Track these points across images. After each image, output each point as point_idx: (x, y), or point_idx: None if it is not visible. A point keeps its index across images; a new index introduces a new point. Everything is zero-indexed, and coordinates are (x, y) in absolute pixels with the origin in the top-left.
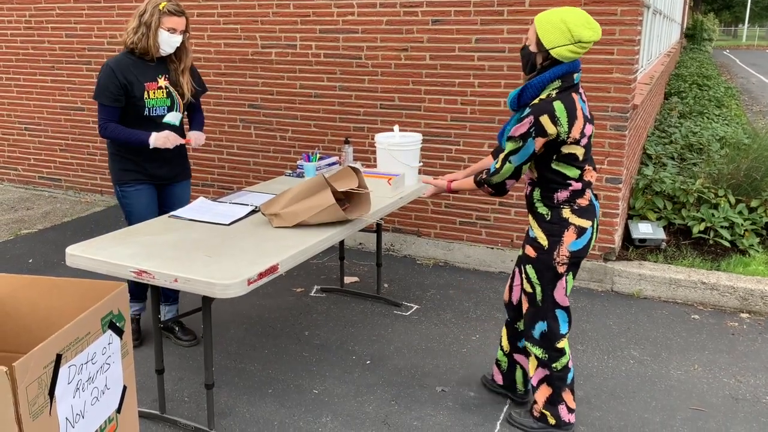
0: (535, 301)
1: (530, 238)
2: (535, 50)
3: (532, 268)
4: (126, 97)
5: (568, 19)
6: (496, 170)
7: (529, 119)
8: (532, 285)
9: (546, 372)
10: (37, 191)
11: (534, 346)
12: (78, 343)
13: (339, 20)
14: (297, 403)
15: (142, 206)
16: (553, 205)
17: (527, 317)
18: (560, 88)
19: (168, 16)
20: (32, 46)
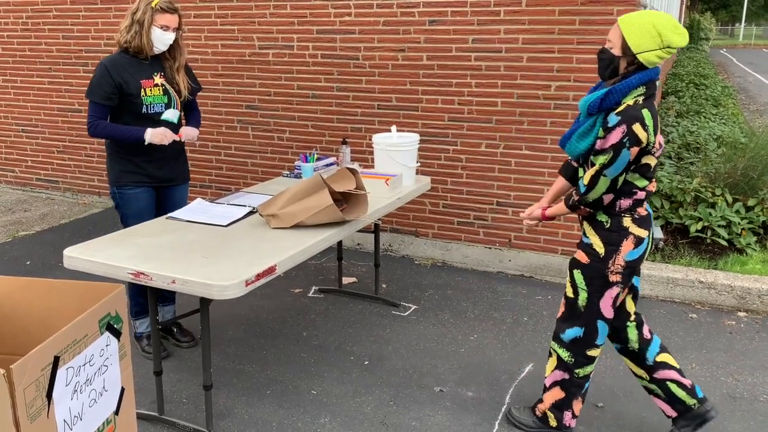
0: (575, 306)
1: (584, 244)
2: (618, 54)
3: (581, 274)
4: (122, 96)
5: (658, 23)
6: (588, 187)
7: (621, 129)
8: (577, 290)
9: (565, 376)
10: (35, 193)
11: (560, 347)
12: (76, 345)
13: (336, 21)
14: (295, 403)
15: (141, 209)
16: (614, 213)
17: (562, 320)
18: (645, 94)
19: (160, 13)
20: (29, 47)
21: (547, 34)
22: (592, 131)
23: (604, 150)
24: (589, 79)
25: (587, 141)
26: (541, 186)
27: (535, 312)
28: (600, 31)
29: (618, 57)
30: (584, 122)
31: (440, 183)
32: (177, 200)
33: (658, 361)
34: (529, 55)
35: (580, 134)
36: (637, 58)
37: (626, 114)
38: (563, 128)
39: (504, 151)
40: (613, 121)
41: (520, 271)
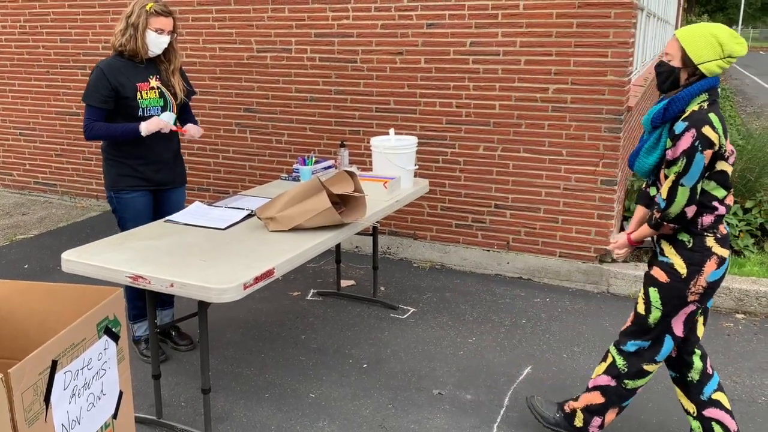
0: (645, 323)
1: (664, 263)
2: (679, 65)
3: (657, 293)
4: (117, 100)
5: (718, 34)
6: (668, 202)
7: (690, 133)
8: (649, 308)
9: (611, 383)
10: (33, 196)
11: (619, 354)
12: (73, 348)
13: (334, 24)
14: (294, 407)
15: (138, 213)
16: (697, 232)
17: (628, 332)
18: (708, 101)
19: (155, 17)
20: (27, 51)
21: (544, 37)
22: (659, 144)
23: (676, 158)
24: (587, 81)
25: (655, 155)
26: (539, 189)
27: (534, 314)
28: (597, 34)
29: (678, 69)
30: (651, 136)
31: (438, 186)
32: (174, 203)
33: (713, 398)
34: (527, 58)
35: (647, 149)
36: (699, 68)
37: (693, 118)
38: (561, 131)
39: (502, 153)
40: (680, 128)
41: (519, 274)
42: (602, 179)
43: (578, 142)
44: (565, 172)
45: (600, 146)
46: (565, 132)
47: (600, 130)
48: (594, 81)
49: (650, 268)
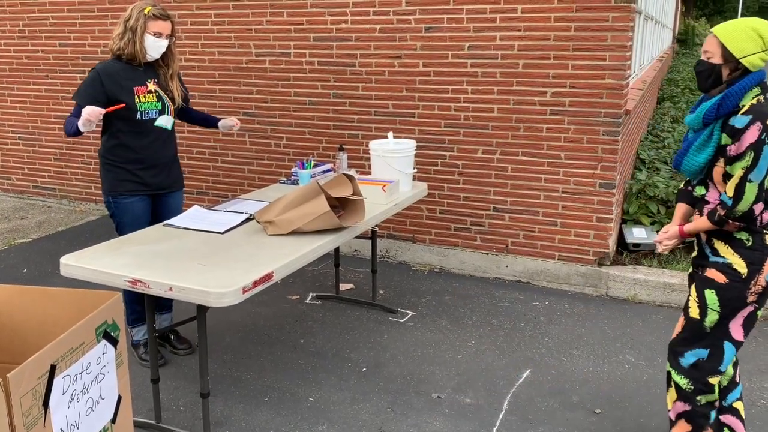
0: (701, 327)
1: (721, 264)
2: (719, 62)
3: (716, 295)
4: (110, 104)
5: (757, 26)
6: (735, 199)
7: (756, 126)
8: (705, 311)
9: (686, 407)
10: (31, 200)
11: (679, 374)
12: (72, 353)
13: (332, 28)
14: (293, 411)
15: (135, 218)
16: (756, 230)
17: (680, 340)
18: (762, 94)
19: (153, 20)
20: (26, 55)
21: (542, 40)
22: (710, 141)
23: (741, 154)
24: (586, 85)
25: (706, 153)
26: (538, 192)
27: (533, 318)
28: (595, 38)
29: (719, 65)
30: (699, 134)
31: (437, 189)
32: (172, 207)
33: (733, 406)
34: (525, 61)
35: (698, 147)
36: (741, 63)
37: (756, 111)
38: (559, 134)
39: (500, 157)
40: (742, 122)
41: (518, 277)
42: (601, 182)
43: (577, 145)
44: (563, 175)
45: (598, 149)
46: (564, 135)
47: (598, 134)
48: (592, 84)
49: (701, 270)
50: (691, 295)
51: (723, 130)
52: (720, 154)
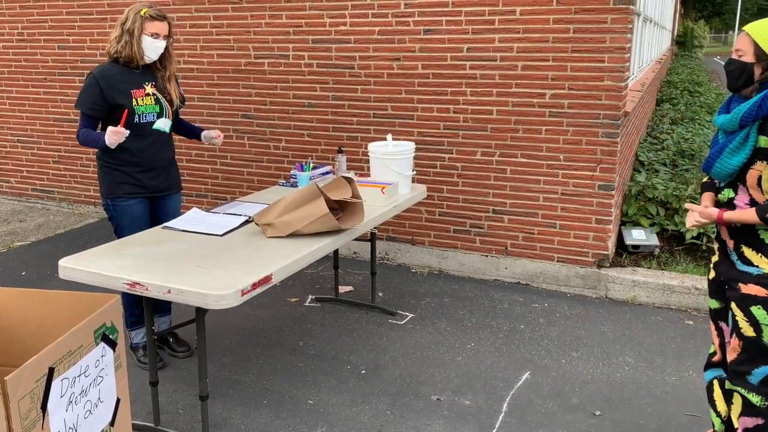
0: (760, 343)
1: (756, 276)
2: (752, 60)
3: (763, 309)
4: (110, 108)
5: None
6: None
7: None
8: (759, 327)
9: (758, 421)
10: (30, 203)
11: (750, 392)
12: (71, 356)
13: (331, 30)
14: (292, 413)
15: (134, 220)
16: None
17: (744, 361)
18: None
19: (150, 21)
20: (24, 58)
21: (541, 42)
22: (747, 143)
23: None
24: (584, 87)
25: (742, 155)
26: (537, 194)
27: (532, 320)
28: (594, 39)
29: (752, 64)
30: (734, 136)
31: (436, 191)
32: (170, 209)
33: None
34: (524, 63)
35: (733, 149)
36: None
37: None
38: (558, 136)
39: (499, 159)
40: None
41: (517, 279)
42: (600, 184)
43: (576, 147)
44: (562, 177)
45: (597, 151)
46: (563, 137)
47: (597, 135)
48: (591, 86)
49: (737, 287)
50: (737, 315)
51: (762, 133)
52: (756, 156)
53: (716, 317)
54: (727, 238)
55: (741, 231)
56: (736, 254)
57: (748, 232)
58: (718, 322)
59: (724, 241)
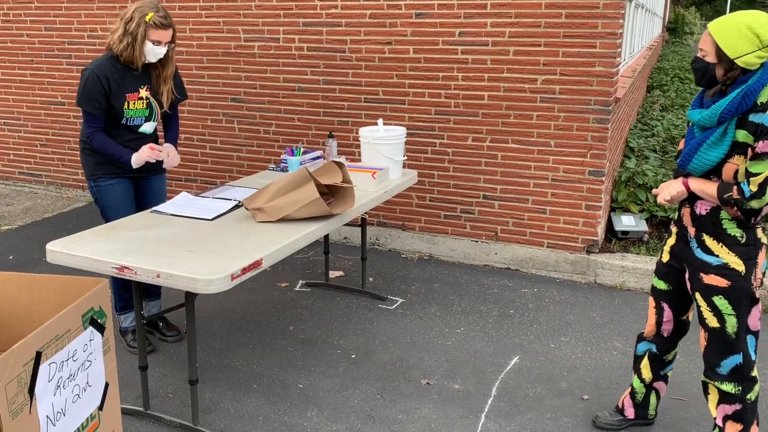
0: (724, 334)
1: (716, 267)
2: (714, 61)
3: (725, 299)
4: (108, 105)
5: (753, 24)
6: (755, 195)
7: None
8: (722, 318)
9: (737, 407)
10: (17, 187)
11: (722, 382)
12: (58, 340)
13: (322, 13)
14: (282, 398)
15: (118, 200)
16: (749, 226)
17: (712, 353)
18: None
19: (154, 29)
20: (10, 39)
21: (533, 27)
22: (725, 138)
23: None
24: (576, 72)
25: (720, 150)
26: (528, 179)
27: (521, 305)
28: (586, 25)
29: (713, 65)
30: (712, 131)
31: (427, 176)
32: (155, 189)
33: (667, 375)
34: (516, 48)
35: (711, 144)
36: (736, 63)
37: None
38: (549, 122)
39: (490, 144)
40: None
41: (507, 264)
42: (590, 170)
43: (566, 133)
44: (553, 163)
45: (588, 137)
46: (554, 123)
47: (588, 121)
48: (582, 72)
49: (699, 276)
50: (701, 305)
51: (740, 127)
52: (734, 150)
53: (660, 297)
54: (689, 225)
55: (704, 220)
56: (696, 242)
57: (711, 222)
58: (662, 302)
59: (684, 227)
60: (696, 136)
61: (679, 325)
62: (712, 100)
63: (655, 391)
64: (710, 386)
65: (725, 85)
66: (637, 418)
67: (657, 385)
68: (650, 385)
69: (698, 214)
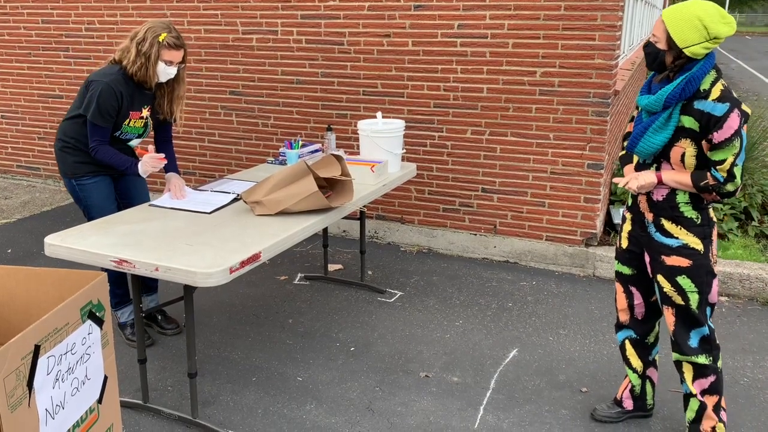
0: (689, 311)
1: (677, 248)
2: (664, 48)
3: (688, 278)
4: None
5: (703, 16)
6: (727, 180)
7: (735, 113)
8: (686, 295)
9: (713, 378)
10: (16, 180)
11: (695, 355)
12: (57, 333)
13: (320, 6)
14: (281, 390)
15: (103, 198)
16: (702, 207)
17: (680, 329)
18: (719, 77)
19: (167, 49)
20: (8, 32)
21: (532, 19)
22: (670, 122)
23: (727, 140)
24: (575, 65)
25: (665, 134)
26: (526, 173)
27: (520, 298)
28: (585, 17)
29: (663, 51)
30: (658, 116)
31: (426, 170)
32: (138, 185)
33: (655, 359)
34: (515, 40)
35: (656, 128)
36: (684, 52)
37: (730, 98)
38: (548, 114)
39: (489, 137)
40: (721, 110)
41: (505, 257)
42: (589, 163)
43: (565, 125)
44: (552, 156)
45: (587, 130)
46: (553, 116)
47: (587, 114)
48: (581, 64)
49: (661, 259)
50: (665, 286)
51: (685, 113)
52: (680, 134)
53: (626, 282)
54: (646, 211)
55: (662, 206)
56: (654, 226)
57: (669, 206)
58: (629, 286)
59: (641, 213)
60: (644, 121)
61: (650, 307)
62: (659, 85)
63: (648, 379)
64: (684, 364)
65: (672, 72)
66: (636, 409)
67: (649, 373)
68: (644, 375)
69: (655, 200)
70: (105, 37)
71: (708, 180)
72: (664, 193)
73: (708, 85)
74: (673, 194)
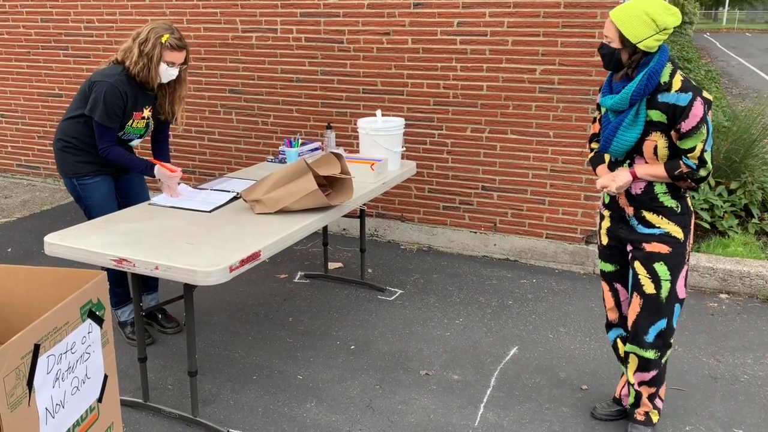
0: (657, 300)
1: (658, 236)
2: (618, 47)
3: (665, 265)
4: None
5: (650, 10)
6: (700, 166)
7: (699, 102)
8: (659, 283)
9: (654, 372)
10: (15, 179)
11: (645, 349)
12: (56, 332)
13: (320, 3)
14: (281, 389)
15: (105, 197)
16: (680, 195)
17: (642, 320)
18: (676, 68)
19: (169, 50)
20: (7, 31)
21: (532, 17)
22: (639, 118)
23: (695, 128)
24: (575, 62)
25: (636, 130)
26: (526, 170)
27: (520, 295)
28: (585, 14)
29: (618, 50)
30: (626, 114)
31: (426, 168)
32: (136, 184)
33: None
34: (514, 38)
35: (627, 125)
36: (638, 47)
37: (692, 87)
38: (548, 112)
39: (489, 135)
40: (685, 100)
41: (505, 255)
42: (589, 160)
43: (565, 123)
44: (552, 153)
45: (587, 127)
46: (553, 113)
47: (587, 111)
48: (581, 62)
49: (642, 246)
50: (640, 273)
51: (651, 107)
52: (650, 128)
53: (611, 279)
54: (626, 205)
55: (641, 199)
56: (636, 219)
57: (648, 199)
58: (614, 283)
59: (620, 208)
60: (612, 121)
61: None
62: (621, 83)
63: None
64: (631, 356)
65: (630, 69)
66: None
67: None
68: None
69: (634, 193)
70: (104, 36)
71: (682, 168)
72: (642, 186)
73: (668, 77)
74: (650, 186)
